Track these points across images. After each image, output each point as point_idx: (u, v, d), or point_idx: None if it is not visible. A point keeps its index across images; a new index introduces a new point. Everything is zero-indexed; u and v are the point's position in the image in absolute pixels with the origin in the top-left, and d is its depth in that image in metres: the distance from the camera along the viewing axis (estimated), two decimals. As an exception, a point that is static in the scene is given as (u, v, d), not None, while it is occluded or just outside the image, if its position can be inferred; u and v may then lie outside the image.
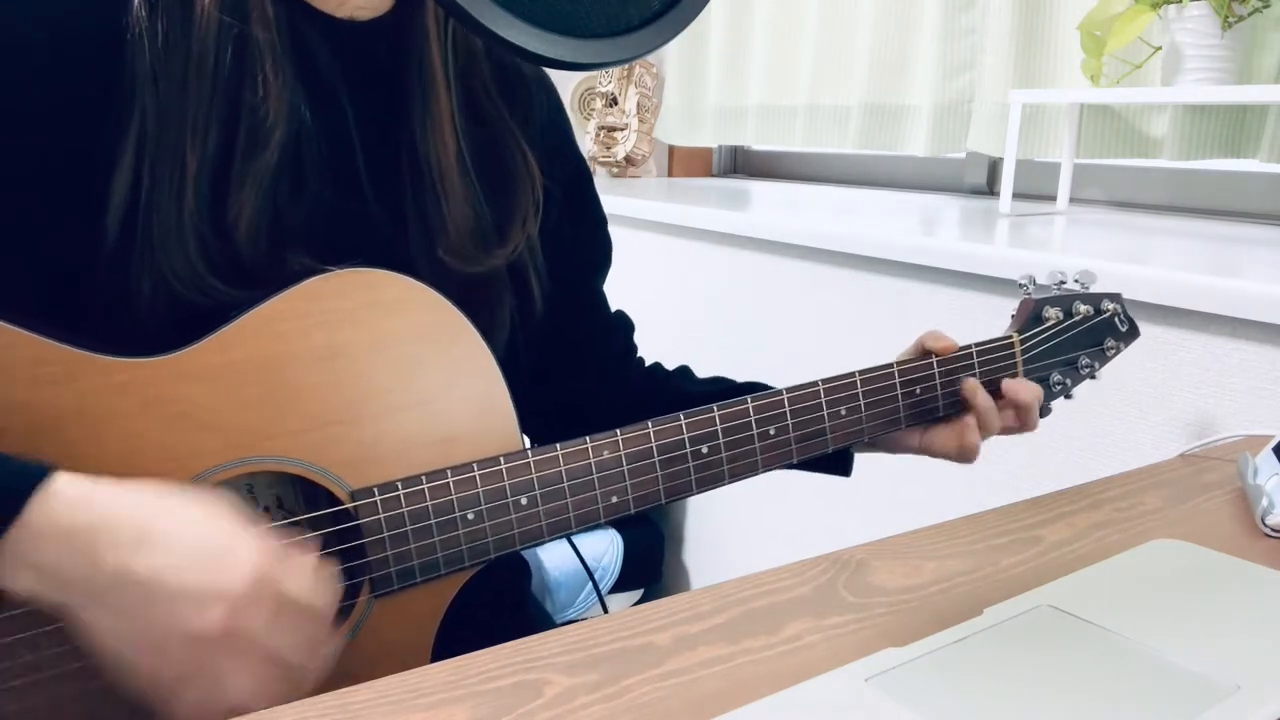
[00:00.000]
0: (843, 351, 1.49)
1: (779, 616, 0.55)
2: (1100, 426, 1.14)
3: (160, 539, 0.51)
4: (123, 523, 0.51)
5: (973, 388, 0.78)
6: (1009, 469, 1.24)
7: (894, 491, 1.40)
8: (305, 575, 0.55)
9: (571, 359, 0.86)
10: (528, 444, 0.70)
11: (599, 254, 0.87)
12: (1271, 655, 0.48)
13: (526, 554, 0.80)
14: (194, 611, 0.51)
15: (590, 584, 1.86)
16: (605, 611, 0.62)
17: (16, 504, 0.49)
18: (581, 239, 0.85)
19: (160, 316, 0.61)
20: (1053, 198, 1.51)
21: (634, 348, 0.92)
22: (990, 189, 1.80)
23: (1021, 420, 0.79)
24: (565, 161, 0.82)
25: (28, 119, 0.59)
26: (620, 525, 1.91)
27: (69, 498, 0.51)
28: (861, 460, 0.85)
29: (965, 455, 0.79)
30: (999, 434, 0.80)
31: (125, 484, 0.53)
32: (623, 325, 0.91)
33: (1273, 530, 0.66)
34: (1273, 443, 0.73)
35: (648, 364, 0.93)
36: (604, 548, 1.89)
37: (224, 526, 0.53)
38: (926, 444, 0.80)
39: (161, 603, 0.51)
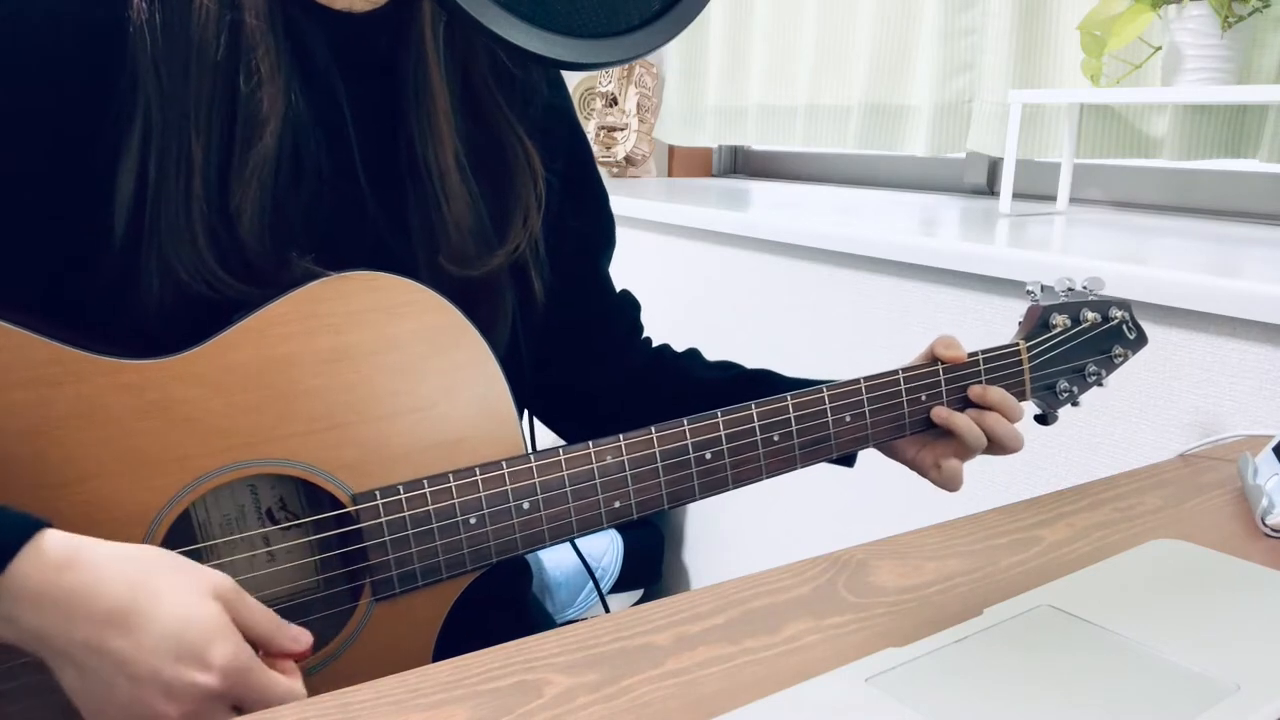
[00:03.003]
0: (843, 352, 1.49)
1: (779, 616, 0.55)
2: (1100, 426, 1.14)
3: (138, 621, 0.50)
4: (103, 595, 0.50)
5: (944, 414, 0.77)
6: (1009, 469, 1.24)
7: (894, 491, 1.40)
8: (273, 686, 0.53)
9: (577, 342, 0.85)
10: (529, 446, 0.70)
11: (602, 236, 0.87)
12: (1271, 655, 0.48)
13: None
14: (153, 699, 0.50)
15: (591, 583, 1.86)
16: (606, 611, 0.62)
17: (2, 561, 0.49)
18: (584, 223, 0.84)
19: (166, 313, 0.61)
20: (1053, 198, 1.51)
21: (640, 327, 0.91)
22: (990, 189, 1.80)
23: (998, 429, 0.77)
24: (565, 143, 0.81)
25: (34, 115, 0.59)
26: (620, 525, 1.91)
27: (53, 560, 0.50)
28: (862, 460, 0.85)
29: (948, 481, 0.78)
30: (985, 453, 0.78)
31: (115, 548, 0.52)
32: (628, 305, 0.90)
33: (1273, 530, 0.66)
34: (1273, 443, 0.73)
35: (656, 346, 0.92)
36: (604, 548, 1.89)
37: (205, 615, 0.51)
38: (919, 461, 0.80)
39: (126, 682, 0.50)
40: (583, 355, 0.86)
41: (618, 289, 0.90)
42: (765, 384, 0.84)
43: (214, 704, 0.51)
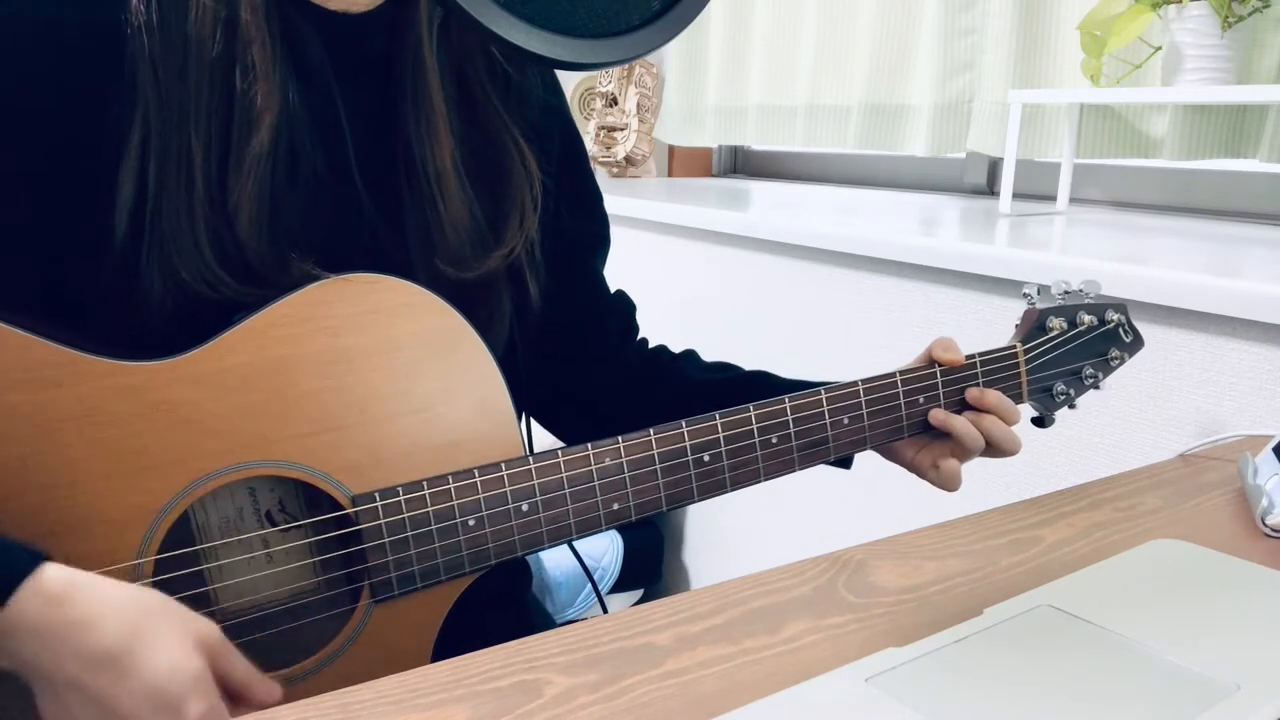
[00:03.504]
0: (843, 352, 1.49)
1: (779, 616, 0.55)
2: (1100, 427, 1.14)
3: (126, 666, 0.51)
4: (99, 633, 0.51)
5: (942, 417, 0.77)
6: (1009, 469, 1.24)
7: (894, 491, 1.40)
8: None
9: (573, 343, 0.85)
10: (528, 448, 0.70)
11: (596, 237, 0.87)
12: (1271, 655, 0.48)
13: (527, 554, 0.80)
14: None
15: (590, 584, 1.86)
16: (605, 611, 0.62)
17: (3, 594, 0.49)
18: (579, 224, 0.84)
19: (167, 315, 0.61)
20: (1053, 198, 1.51)
21: (635, 328, 0.91)
22: (990, 189, 1.80)
23: (995, 431, 0.77)
24: (560, 144, 0.81)
25: (34, 116, 0.59)
26: (620, 525, 1.91)
27: (53, 593, 0.50)
28: (861, 460, 0.85)
29: (947, 481, 0.78)
30: (983, 455, 0.78)
31: (112, 587, 0.52)
32: (623, 306, 0.90)
33: (1273, 530, 0.66)
34: (1273, 443, 0.73)
35: (652, 347, 0.92)
36: (604, 548, 1.89)
37: (188, 670, 0.52)
38: (917, 463, 0.80)
39: (99, 718, 0.51)
40: (579, 356, 0.86)
41: (614, 289, 0.90)
42: (762, 385, 0.84)
43: None
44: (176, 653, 0.52)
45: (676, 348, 0.92)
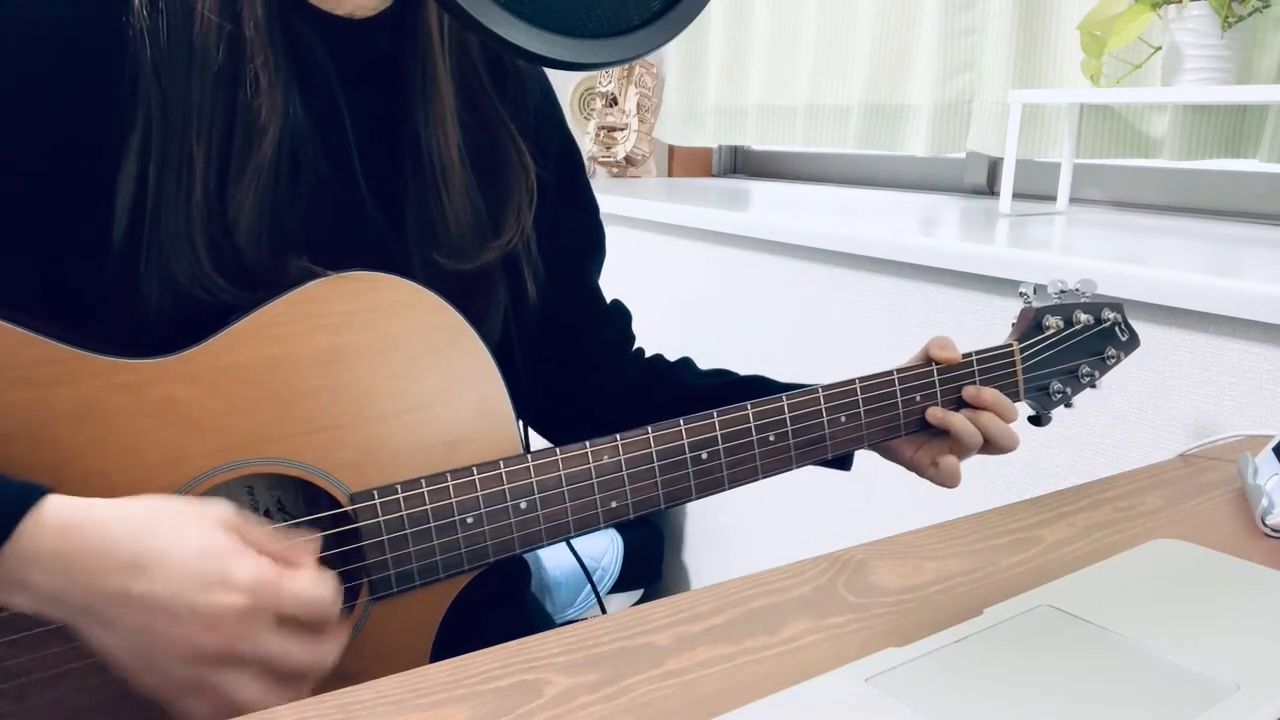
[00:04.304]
0: (842, 352, 1.49)
1: (779, 616, 0.55)
2: (1100, 427, 1.14)
3: (153, 563, 0.51)
4: (115, 547, 0.51)
5: (939, 414, 0.78)
6: (1009, 469, 1.24)
7: (894, 491, 1.40)
8: (303, 585, 0.54)
9: (567, 347, 0.86)
10: (526, 446, 0.70)
11: (590, 241, 0.87)
12: (1271, 655, 0.48)
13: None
14: (193, 633, 0.51)
15: (590, 585, 1.86)
16: (603, 612, 0.62)
17: (6, 527, 0.49)
18: (573, 225, 0.85)
19: (165, 316, 0.61)
20: (1053, 198, 1.51)
21: (631, 336, 0.92)
22: (990, 189, 1.80)
23: (993, 428, 0.78)
24: (556, 148, 0.82)
25: (34, 115, 0.59)
26: (620, 525, 1.91)
27: (59, 522, 0.50)
28: (861, 460, 0.85)
29: (946, 478, 0.78)
30: (980, 453, 0.79)
31: (117, 503, 0.52)
32: (619, 314, 0.91)
33: (1273, 530, 0.66)
34: (1273, 443, 0.73)
35: (648, 355, 0.93)
36: (604, 548, 1.89)
37: (218, 543, 0.53)
38: (916, 461, 0.80)
39: (160, 624, 0.51)
40: (575, 362, 0.87)
41: (612, 296, 0.90)
42: (758, 389, 0.84)
43: (252, 623, 0.52)
44: (196, 534, 0.52)
45: (676, 348, 0.92)
